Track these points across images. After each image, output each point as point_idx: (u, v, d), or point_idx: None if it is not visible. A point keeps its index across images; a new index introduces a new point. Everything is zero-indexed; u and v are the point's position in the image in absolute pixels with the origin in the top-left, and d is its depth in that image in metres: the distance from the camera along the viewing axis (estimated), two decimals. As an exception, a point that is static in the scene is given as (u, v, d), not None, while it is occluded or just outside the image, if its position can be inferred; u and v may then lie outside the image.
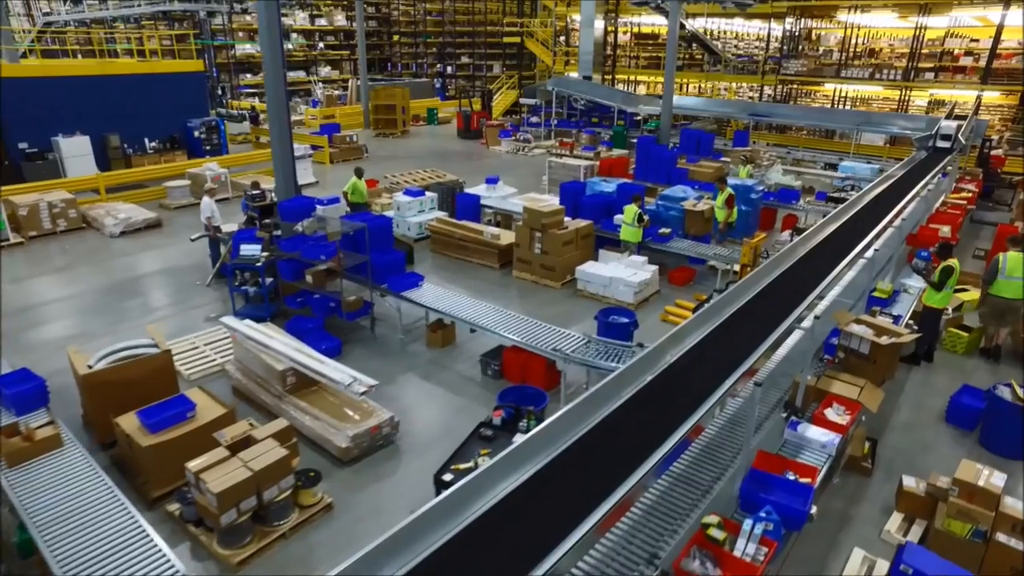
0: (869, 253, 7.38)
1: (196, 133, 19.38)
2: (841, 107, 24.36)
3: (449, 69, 36.93)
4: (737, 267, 9.59)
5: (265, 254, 9.19)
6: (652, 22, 30.14)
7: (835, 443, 5.09)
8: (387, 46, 40.30)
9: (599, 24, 26.07)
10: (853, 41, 24.26)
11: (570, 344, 7.03)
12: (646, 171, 15.01)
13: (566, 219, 10.74)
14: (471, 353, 8.17)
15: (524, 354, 7.17)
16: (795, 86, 25.40)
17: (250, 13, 34.10)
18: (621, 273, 9.47)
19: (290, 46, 35.98)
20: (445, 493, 3.38)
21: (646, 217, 10.27)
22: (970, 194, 13.12)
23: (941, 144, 14.73)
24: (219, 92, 33.17)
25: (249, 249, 9.28)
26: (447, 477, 4.85)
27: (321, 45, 37.41)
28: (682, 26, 24.23)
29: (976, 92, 19.82)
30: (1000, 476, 4.76)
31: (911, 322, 7.87)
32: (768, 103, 23.79)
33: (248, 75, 34.51)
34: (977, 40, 21.29)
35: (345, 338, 8.68)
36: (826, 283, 6.70)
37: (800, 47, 25.63)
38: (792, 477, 4.63)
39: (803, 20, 24.98)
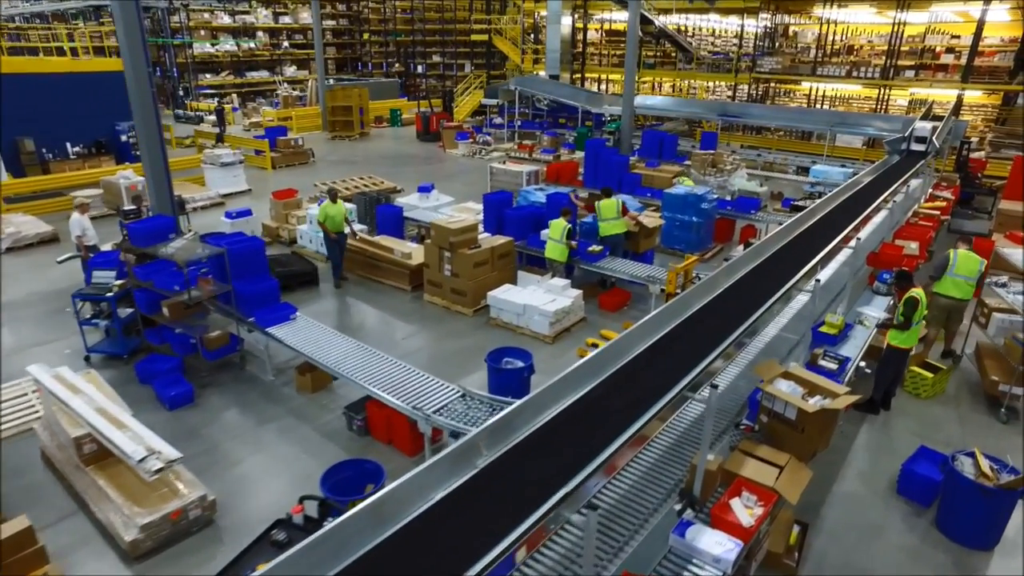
0: (809, 286, 6.13)
1: (124, 137, 18.01)
2: (819, 107, 23.17)
3: (420, 68, 35.59)
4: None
5: (120, 282, 7.90)
6: (624, 19, 28.89)
7: (733, 556, 3.83)
8: (358, 45, 38.99)
9: (567, 21, 24.82)
10: (831, 38, 23.08)
11: (442, 398, 5.76)
12: (596, 177, 13.75)
13: (485, 235, 9.47)
14: (345, 400, 6.87)
15: (389, 409, 5.89)
16: (772, 85, 24.22)
17: (200, 11, 32.78)
18: (536, 300, 8.20)
19: (253, 44, 34.66)
20: None
21: (573, 243, 8.99)
22: (945, 202, 11.90)
23: (916, 147, 13.51)
24: (180, 93, 31.81)
25: (102, 276, 8.01)
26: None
27: (286, 44, 36.07)
28: (651, 21, 23.05)
29: (957, 91, 18.65)
30: (945, 614, 3.51)
31: (863, 364, 6.64)
32: (741, 103, 22.58)
33: (208, 75, 33.15)
34: (958, 37, 20.14)
35: (206, 381, 7.40)
36: (751, 322, 5.43)
37: (777, 44, 24.44)
38: (661, 618, 3.37)
39: (778, 15, 23.80)
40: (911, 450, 5.86)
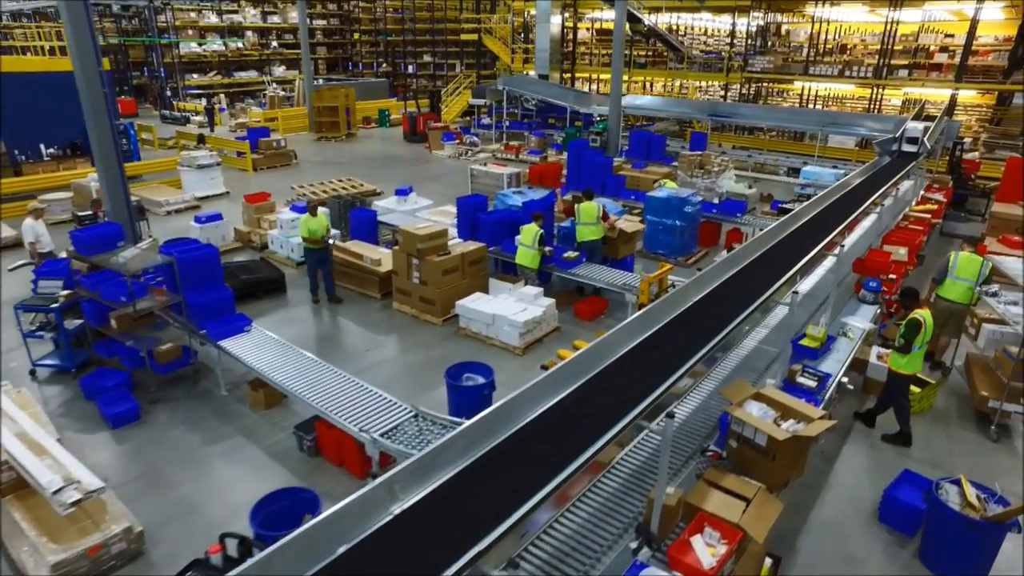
0: (786, 298, 5.76)
1: (100, 138, 17.56)
2: (811, 107, 22.83)
3: (410, 68, 35.20)
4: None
5: (66, 292, 7.50)
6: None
7: (689, 604, 3.47)
8: (349, 45, 38.58)
9: (557, 20, 24.45)
10: (824, 37, 22.76)
11: (394, 418, 5.39)
12: (578, 179, 13.38)
13: (458, 241, 9.10)
14: (299, 417, 6.49)
15: (338, 429, 5.52)
16: (764, 84, 23.87)
17: (187, 10, 32.36)
18: (506, 309, 7.82)
19: (241, 44, 34.24)
20: None
21: (546, 248, 8.63)
22: (936, 205, 11.55)
23: (907, 148, 13.15)
24: (167, 93, 31.36)
25: (48, 285, 7.61)
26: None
27: (275, 44, 35.64)
28: (638, 19, 22.70)
29: (951, 90, 18.32)
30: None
31: (846, 380, 6.25)
32: (732, 103, 22.22)
33: (196, 75, 32.71)
34: (952, 36, 19.82)
35: (155, 397, 7.01)
36: (721, 338, 5.06)
37: (769, 43, 24.10)
38: None
39: (770, 14, 23.46)
40: (896, 472, 5.50)
